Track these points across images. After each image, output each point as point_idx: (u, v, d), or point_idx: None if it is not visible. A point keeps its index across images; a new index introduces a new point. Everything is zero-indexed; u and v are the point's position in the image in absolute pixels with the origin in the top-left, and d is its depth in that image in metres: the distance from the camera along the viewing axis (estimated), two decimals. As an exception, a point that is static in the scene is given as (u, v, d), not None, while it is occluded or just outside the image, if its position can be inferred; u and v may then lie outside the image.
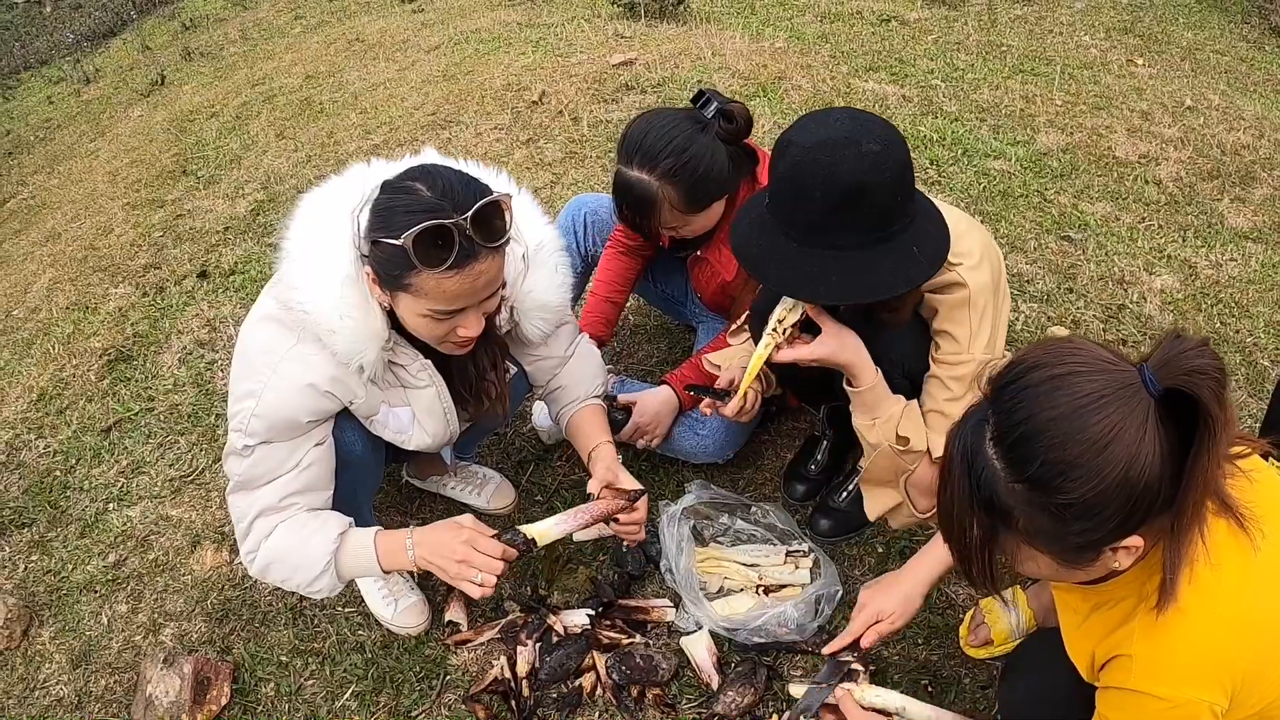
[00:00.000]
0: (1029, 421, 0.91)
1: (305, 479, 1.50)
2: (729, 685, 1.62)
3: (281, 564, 1.50)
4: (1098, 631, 1.07)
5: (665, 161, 1.69)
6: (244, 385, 1.46)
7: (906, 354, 1.52)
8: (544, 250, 1.60)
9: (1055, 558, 0.97)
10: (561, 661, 1.69)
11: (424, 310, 1.36)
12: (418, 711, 1.69)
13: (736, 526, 1.94)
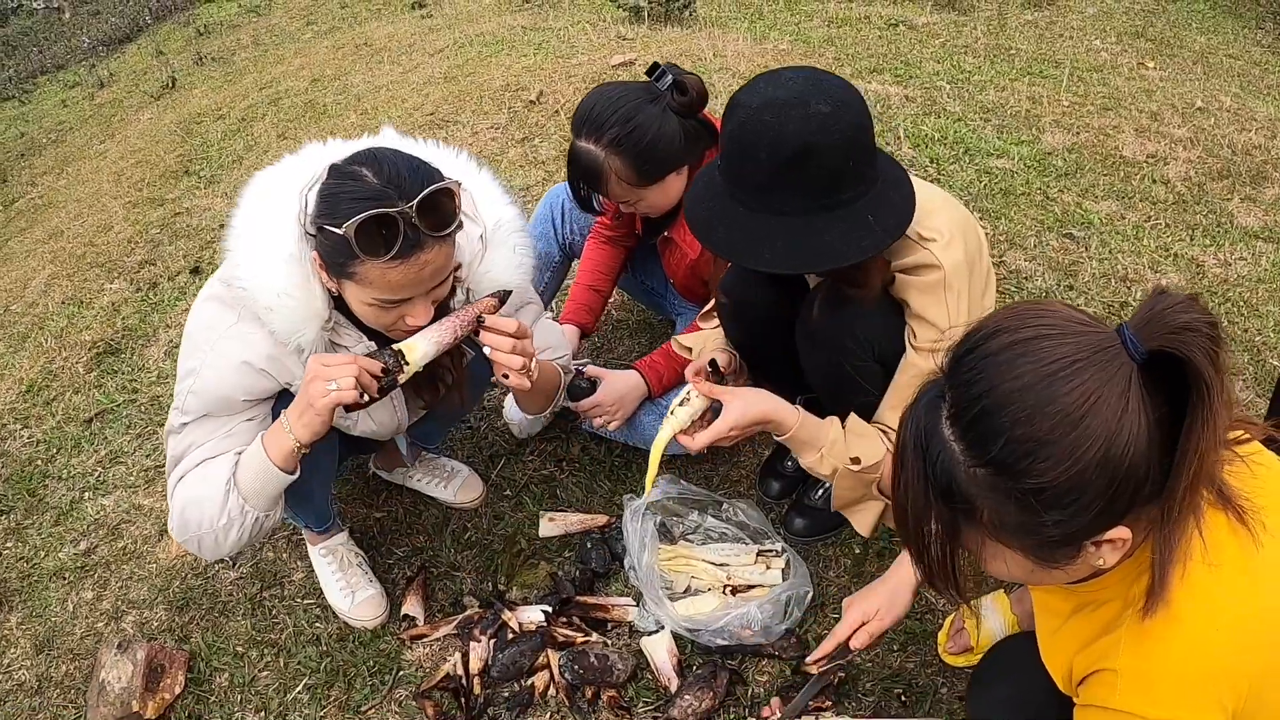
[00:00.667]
0: (990, 394, 0.77)
1: (231, 444, 1.47)
2: (686, 688, 1.55)
3: (191, 506, 1.43)
4: (1078, 637, 0.93)
5: (610, 131, 1.66)
6: (187, 363, 1.46)
7: (876, 335, 1.45)
8: (502, 230, 1.55)
9: (1028, 555, 0.83)
10: (514, 659, 1.64)
11: (369, 299, 1.33)
12: (368, 706, 1.64)
13: (707, 524, 1.88)
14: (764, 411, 1.47)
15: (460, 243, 1.51)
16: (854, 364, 1.46)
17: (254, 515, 1.45)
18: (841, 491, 1.53)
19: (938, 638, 1.61)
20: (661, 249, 2.01)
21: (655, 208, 1.83)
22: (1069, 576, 0.88)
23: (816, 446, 1.49)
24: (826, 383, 1.55)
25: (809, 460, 1.51)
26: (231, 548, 1.48)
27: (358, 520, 2.02)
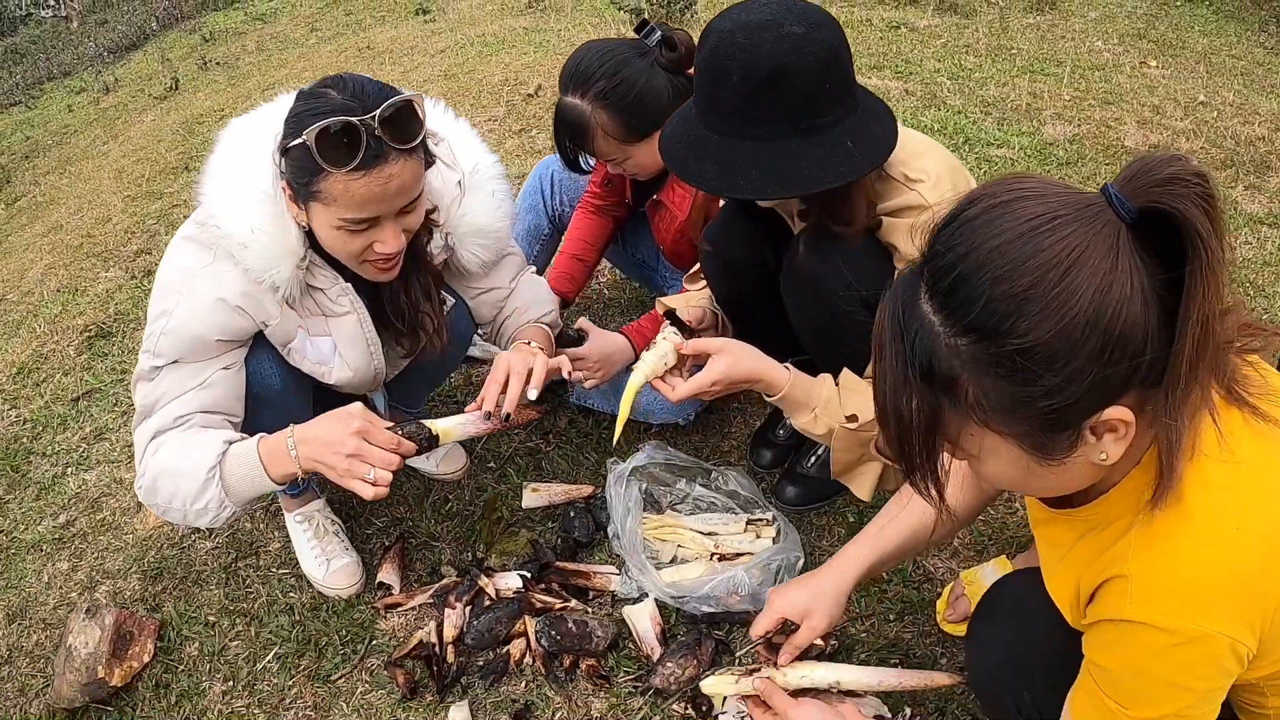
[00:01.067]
0: (967, 258, 0.72)
1: (206, 398, 1.42)
2: (669, 656, 1.49)
3: (165, 475, 1.38)
4: (1085, 558, 0.85)
5: (597, 84, 1.65)
6: (158, 304, 1.42)
7: (865, 279, 1.40)
8: (480, 174, 1.55)
9: (1020, 443, 0.75)
10: (490, 626, 1.58)
11: (335, 220, 1.30)
12: (338, 676, 1.58)
13: (695, 493, 1.82)
14: (752, 369, 1.42)
15: (436, 186, 1.50)
16: (842, 309, 1.41)
17: (231, 510, 1.40)
18: (839, 454, 1.48)
19: (936, 606, 1.55)
20: (651, 214, 1.98)
21: (643, 168, 1.80)
22: (1068, 479, 0.79)
23: (810, 406, 1.44)
24: (815, 332, 1.51)
25: (802, 421, 1.46)
26: (197, 525, 1.44)
27: (336, 491, 1.97)
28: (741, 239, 1.55)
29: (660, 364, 1.45)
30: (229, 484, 1.37)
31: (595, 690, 1.50)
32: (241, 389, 1.47)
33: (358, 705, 1.53)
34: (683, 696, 1.46)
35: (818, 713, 1.15)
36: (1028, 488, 0.84)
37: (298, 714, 1.54)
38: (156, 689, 1.61)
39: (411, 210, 1.36)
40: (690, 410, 1.94)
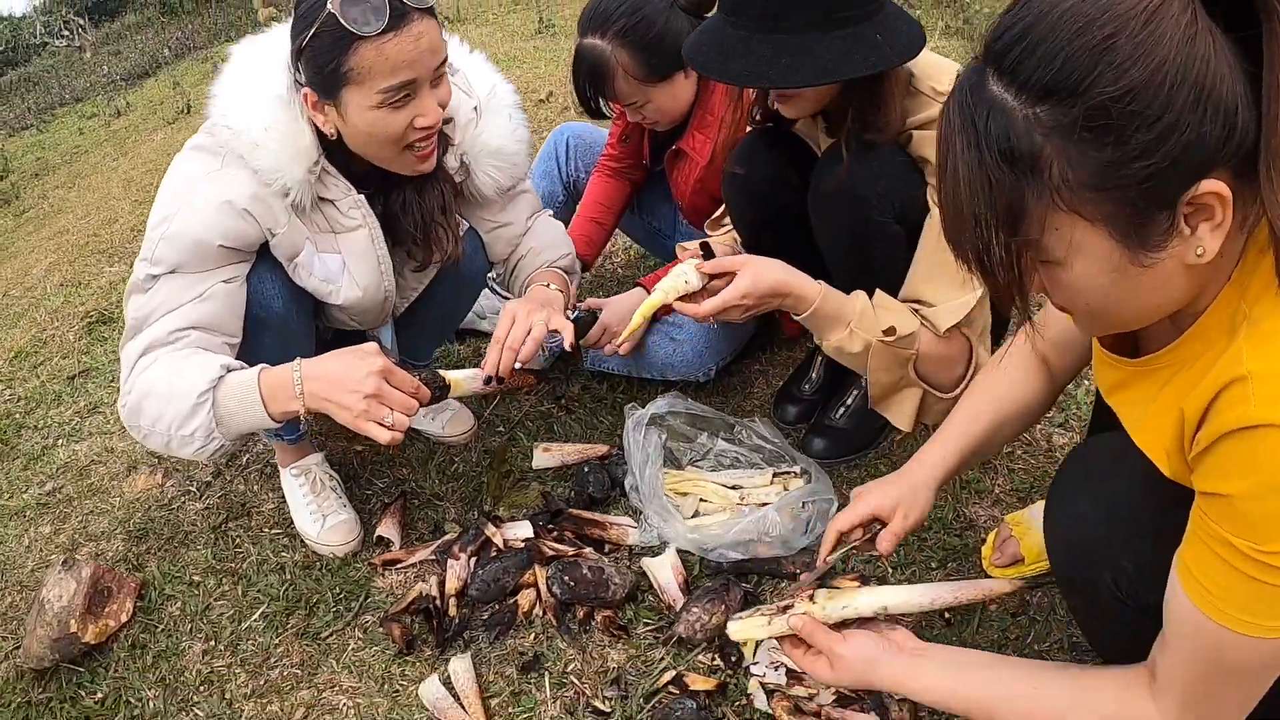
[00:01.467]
0: (1038, 24, 0.66)
1: (204, 312, 1.32)
2: (694, 601, 1.34)
3: (153, 396, 1.27)
4: (1182, 389, 0.76)
5: (617, 23, 1.61)
6: (160, 211, 1.35)
7: (897, 190, 1.32)
8: (496, 98, 1.52)
9: (1111, 230, 0.68)
10: (496, 576, 1.44)
11: (373, 98, 1.27)
12: (328, 633, 1.45)
13: (718, 448, 1.70)
14: (781, 280, 1.32)
15: (453, 104, 1.45)
16: (874, 219, 1.32)
17: (220, 442, 1.29)
18: (877, 374, 1.37)
19: (981, 552, 1.41)
20: (669, 168, 1.91)
21: (663, 112, 1.74)
22: (1159, 290, 0.71)
23: (844, 320, 1.34)
24: (844, 249, 1.41)
25: (836, 338, 1.36)
26: (179, 455, 1.33)
27: (335, 454, 1.86)
28: (767, 160, 1.48)
29: (680, 283, 1.34)
30: (222, 413, 1.27)
31: (612, 642, 1.36)
32: (241, 307, 1.38)
33: (348, 662, 1.40)
34: (710, 646, 1.31)
35: (870, 645, 1.00)
36: (1117, 305, 0.74)
37: (282, 672, 1.40)
38: (133, 649, 1.48)
39: (442, 78, 1.34)
40: (711, 365, 1.83)
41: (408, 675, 1.35)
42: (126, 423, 1.34)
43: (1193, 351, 0.76)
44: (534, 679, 1.31)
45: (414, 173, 1.40)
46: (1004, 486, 1.53)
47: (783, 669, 1.25)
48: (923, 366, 1.38)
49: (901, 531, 1.13)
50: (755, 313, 1.36)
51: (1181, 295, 0.73)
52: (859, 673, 0.98)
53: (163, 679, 1.42)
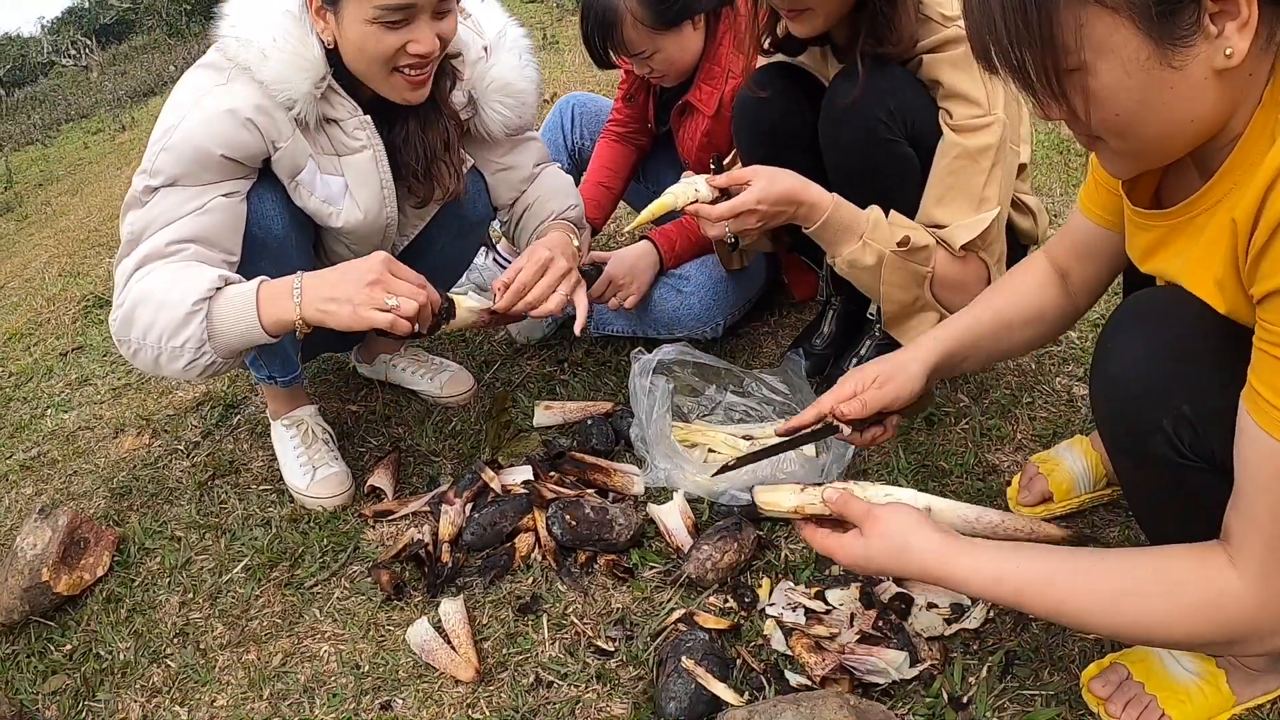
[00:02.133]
0: None
1: (203, 225, 1.27)
2: (705, 539, 1.25)
3: (145, 304, 1.21)
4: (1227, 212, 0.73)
5: None
6: (162, 125, 1.31)
7: (909, 108, 1.28)
8: (507, 37, 1.50)
9: (1137, 24, 0.66)
10: (493, 520, 1.36)
11: (370, 12, 1.24)
12: (313, 583, 1.36)
13: (726, 401, 1.62)
14: (793, 188, 1.26)
15: (463, 39, 1.44)
16: (885, 136, 1.27)
17: (210, 358, 1.23)
18: (891, 290, 1.30)
19: (1007, 494, 1.32)
20: (676, 127, 1.86)
21: (670, 64, 1.71)
22: (1192, 97, 0.69)
23: (856, 231, 1.28)
24: (856, 173, 1.34)
25: (848, 250, 1.29)
26: (167, 374, 1.26)
27: (330, 414, 1.79)
28: (779, 90, 1.43)
29: (690, 190, 1.29)
30: (215, 326, 1.21)
31: (616, 585, 1.26)
32: (241, 223, 1.33)
33: (332, 610, 1.31)
34: (722, 587, 1.22)
35: (910, 515, 0.87)
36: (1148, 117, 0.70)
37: (261, 622, 1.31)
38: (107, 602, 1.40)
39: (448, 14, 1.30)
40: (719, 319, 1.76)
41: (395, 620, 1.26)
42: (116, 337, 1.27)
43: (1232, 181, 0.72)
44: (531, 620, 1.22)
45: (403, 100, 1.36)
46: (1026, 432, 1.44)
47: (801, 609, 1.16)
48: (938, 289, 1.32)
49: (875, 402, 1.05)
50: (767, 223, 1.29)
51: (1213, 111, 0.70)
52: (894, 545, 0.86)
53: (136, 631, 1.33)
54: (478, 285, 2.18)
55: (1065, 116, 0.74)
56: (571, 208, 1.64)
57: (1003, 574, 0.80)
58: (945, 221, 1.30)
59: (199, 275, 1.22)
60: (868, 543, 0.88)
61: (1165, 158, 0.76)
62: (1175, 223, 0.80)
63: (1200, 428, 0.76)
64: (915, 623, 1.11)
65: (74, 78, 9.94)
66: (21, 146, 7.18)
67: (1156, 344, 0.79)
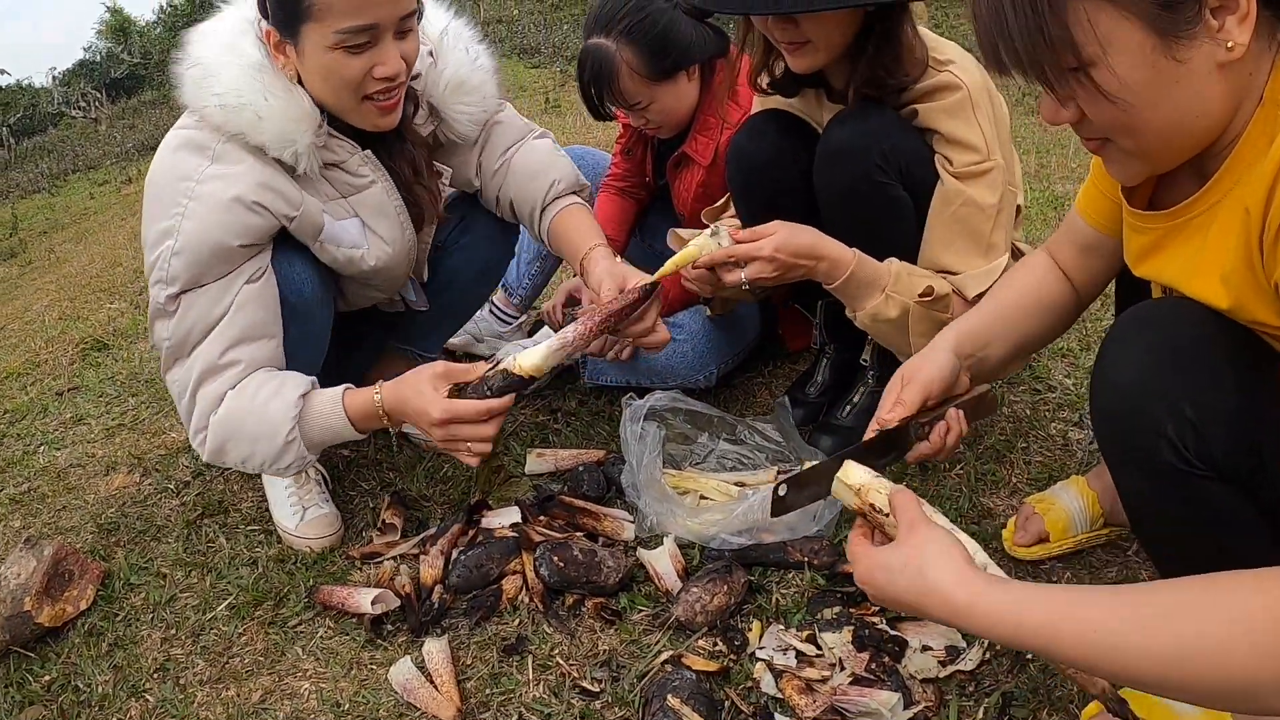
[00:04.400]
0: None
1: (241, 324, 1.29)
2: (694, 582, 1.25)
3: (237, 440, 1.29)
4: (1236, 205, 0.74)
5: (622, 22, 1.66)
6: (158, 226, 1.28)
7: (904, 152, 1.32)
8: (450, 34, 1.47)
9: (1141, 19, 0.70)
10: (479, 562, 1.34)
11: (331, 38, 1.21)
12: (296, 622, 1.34)
13: (719, 449, 1.63)
14: (813, 244, 1.29)
15: None
16: (878, 179, 1.31)
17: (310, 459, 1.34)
18: (918, 339, 1.33)
19: (1003, 536, 1.32)
20: (672, 180, 1.93)
21: (666, 114, 1.77)
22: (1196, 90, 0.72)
23: (879, 285, 1.32)
24: (848, 216, 1.38)
25: (871, 305, 1.33)
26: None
27: (321, 457, 1.78)
28: (772, 136, 1.48)
29: (714, 242, 1.31)
30: (310, 439, 1.31)
31: (603, 628, 1.25)
32: (275, 300, 1.34)
33: (314, 649, 1.29)
34: (711, 630, 1.21)
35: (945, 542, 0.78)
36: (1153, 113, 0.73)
37: (243, 660, 1.29)
38: (88, 636, 1.37)
39: (409, 31, 1.28)
40: (712, 368, 1.79)
41: (378, 660, 1.24)
42: (211, 459, 1.35)
43: (1233, 179, 0.75)
44: (516, 661, 1.20)
45: (375, 127, 1.34)
46: (1021, 476, 1.45)
47: (791, 651, 1.15)
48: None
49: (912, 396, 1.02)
50: (784, 275, 1.30)
51: (1217, 106, 0.73)
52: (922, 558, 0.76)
53: (116, 665, 1.30)
54: (473, 336, 2.21)
55: (1073, 117, 0.77)
56: (563, 182, 1.58)
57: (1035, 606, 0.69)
58: (955, 267, 1.35)
59: (280, 397, 1.28)
60: (896, 551, 0.79)
61: (1172, 157, 0.78)
62: (1174, 224, 0.82)
63: (1203, 429, 0.76)
64: (909, 665, 1.10)
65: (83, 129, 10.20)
66: (28, 194, 7.32)
67: (1155, 349, 0.80)
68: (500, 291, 2.18)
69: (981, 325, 1.10)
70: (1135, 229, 0.88)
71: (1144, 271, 0.87)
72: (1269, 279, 0.72)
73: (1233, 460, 0.73)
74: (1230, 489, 0.74)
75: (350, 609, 1.32)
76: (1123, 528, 1.27)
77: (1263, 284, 0.73)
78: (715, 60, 1.77)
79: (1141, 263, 0.88)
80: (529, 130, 1.66)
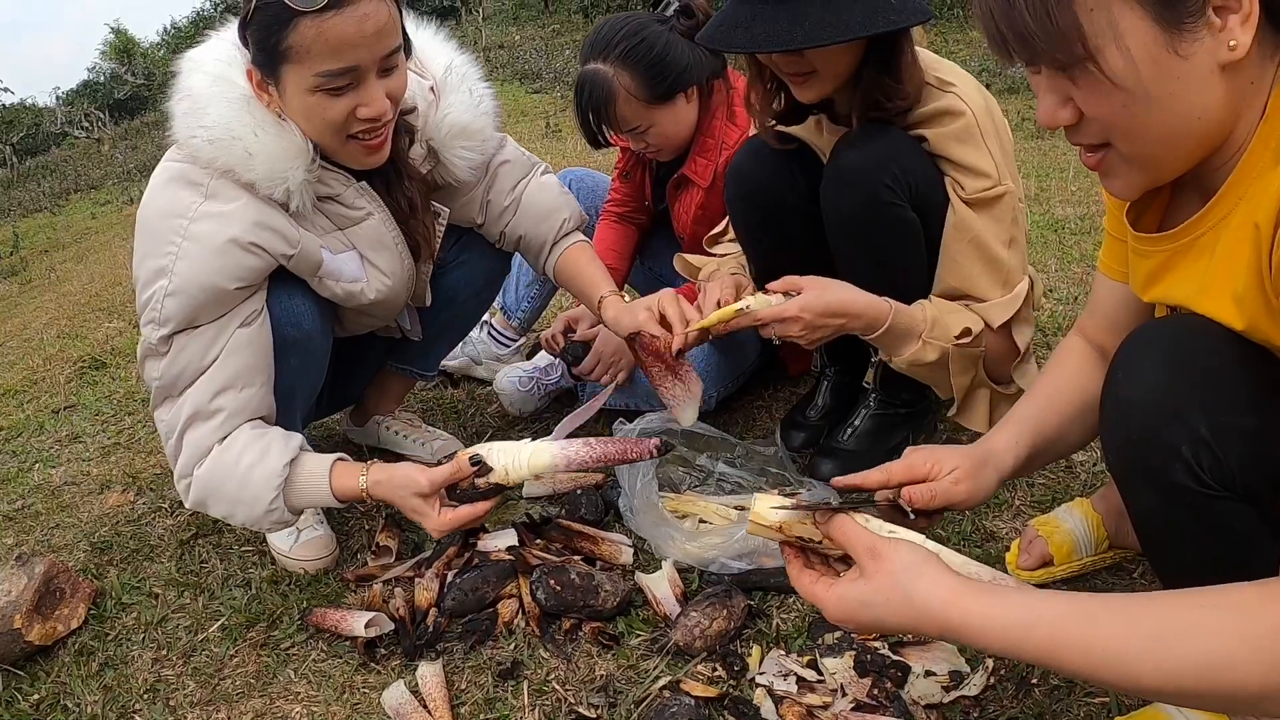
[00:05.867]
0: None
1: (232, 370, 1.27)
2: (693, 606, 1.23)
3: (219, 498, 1.31)
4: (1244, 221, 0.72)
5: (619, 46, 1.66)
6: (151, 264, 1.24)
7: (914, 172, 1.32)
8: (454, 74, 1.45)
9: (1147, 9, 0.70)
10: (475, 585, 1.33)
11: (311, 80, 1.18)
12: (289, 644, 1.32)
13: (719, 471, 1.62)
14: (842, 301, 1.28)
15: (411, 90, 1.39)
16: (888, 200, 1.31)
17: (292, 521, 1.36)
18: (958, 379, 1.35)
19: (1006, 560, 1.31)
20: (671, 202, 1.94)
21: (665, 138, 1.78)
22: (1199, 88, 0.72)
23: (916, 333, 1.33)
24: (856, 238, 1.38)
25: (909, 352, 1.33)
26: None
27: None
28: (770, 159, 1.49)
29: (763, 299, 1.30)
30: (292, 505, 1.32)
31: (600, 652, 1.23)
32: (267, 343, 1.32)
33: (306, 672, 1.26)
34: (710, 655, 1.19)
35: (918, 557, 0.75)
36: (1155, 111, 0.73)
37: (234, 682, 1.27)
38: (79, 655, 1.35)
39: (393, 69, 1.25)
40: (712, 393, 1.79)
41: (370, 684, 1.22)
42: (193, 508, 1.36)
43: (1237, 195, 0.74)
44: (511, 686, 1.18)
45: (362, 165, 1.32)
46: (1024, 499, 1.45)
47: (792, 677, 1.13)
48: (990, 364, 1.38)
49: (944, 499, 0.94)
50: (812, 333, 1.30)
51: (1218, 109, 0.72)
52: (899, 582, 0.73)
53: (106, 686, 1.28)
54: (471, 359, 2.21)
55: (1071, 118, 0.76)
56: (568, 220, 1.62)
57: (1034, 617, 0.67)
58: (976, 293, 1.36)
59: (264, 464, 1.28)
60: (869, 586, 0.75)
61: (1172, 164, 0.77)
62: (1179, 245, 0.81)
63: (1220, 450, 0.74)
64: (912, 690, 1.09)
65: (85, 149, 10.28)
66: (30, 213, 7.35)
67: (1169, 366, 0.78)
68: (499, 314, 2.18)
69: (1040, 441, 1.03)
70: (1141, 254, 0.88)
71: (1153, 296, 0.86)
72: (1277, 296, 0.71)
73: (1249, 480, 0.71)
74: (1245, 509, 0.73)
75: (344, 632, 1.30)
76: (1127, 550, 1.27)
77: (1273, 303, 0.72)
78: (713, 81, 1.78)
79: (1150, 288, 0.87)
80: (533, 166, 1.68)
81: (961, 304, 1.37)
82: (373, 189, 1.41)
